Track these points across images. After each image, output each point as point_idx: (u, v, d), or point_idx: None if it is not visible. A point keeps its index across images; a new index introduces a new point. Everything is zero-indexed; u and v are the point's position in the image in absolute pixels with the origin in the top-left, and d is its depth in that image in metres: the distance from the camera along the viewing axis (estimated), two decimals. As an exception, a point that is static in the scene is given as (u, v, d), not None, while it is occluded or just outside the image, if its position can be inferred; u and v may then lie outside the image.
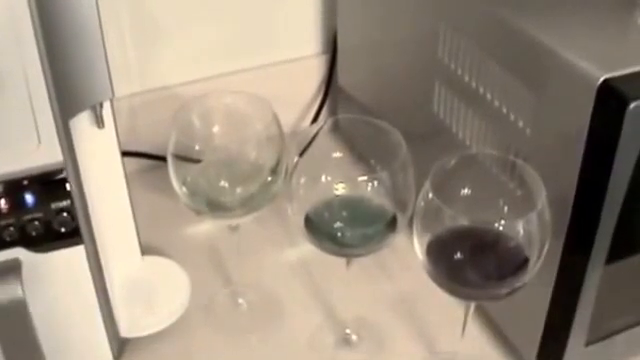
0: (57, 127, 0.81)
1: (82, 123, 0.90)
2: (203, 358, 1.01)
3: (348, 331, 1.02)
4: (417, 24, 1.05)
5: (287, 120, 1.24)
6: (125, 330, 0.99)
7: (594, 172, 0.77)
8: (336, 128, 0.96)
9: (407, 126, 0.89)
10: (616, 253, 0.83)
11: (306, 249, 0.91)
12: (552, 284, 0.86)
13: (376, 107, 1.22)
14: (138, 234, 1.04)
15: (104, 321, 0.94)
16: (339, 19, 1.31)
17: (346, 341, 1.02)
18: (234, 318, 1.07)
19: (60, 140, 0.82)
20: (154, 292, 1.04)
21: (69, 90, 0.83)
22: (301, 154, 0.88)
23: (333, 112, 1.43)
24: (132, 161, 1.25)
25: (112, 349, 0.97)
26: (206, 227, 1.19)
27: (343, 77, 1.35)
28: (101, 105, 0.90)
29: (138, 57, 1.26)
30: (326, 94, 1.40)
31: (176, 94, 1.28)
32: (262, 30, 1.34)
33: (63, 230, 0.86)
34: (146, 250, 1.08)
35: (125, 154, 1.14)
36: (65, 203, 0.85)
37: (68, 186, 0.84)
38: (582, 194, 0.79)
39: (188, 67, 1.30)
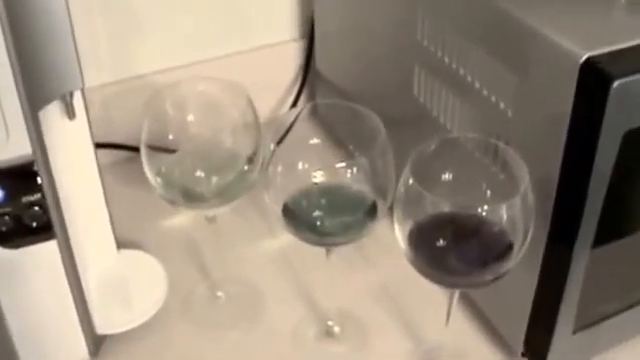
0: (26, 119, 0.79)
1: (52, 114, 0.89)
2: (182, 353, 0.99)
3: (330, 323, 1.01)
4: (395, 6, 1.03)
5: (265, 107, 1.23)
6: (101, 326, 0.97)
7: (578, 153, 0.75)
8: (314, 114, 0.94)
9: (387, 111, 0.87)
10: (602, 237, 0.81)
11: (286, 240, 0.89)
12: (538, 271, 0.85)
13: (355, 92, 1.21)
14: (113, 227, 1.03)
15: (79, 317, 0.92)
16: (316, 4, 1.30)
17: (328, 333, 1.01)
18: (213, 312, 1.05)
19: (29, 132, 0.80)
20: (130, 287, 1.03)
21: (37, 80, 0.81)
22: (279, 142, 0.86)
23: (312, 98, 1.42)
24: (107, 153, 1.24)
25: (88, 346, 0.95)
26: (184, 219, 1.17)
27: (321, 62, 1.34)
28: (71, 95, 0.89)
29: (110, 46, 1.24)
30: (304, 80, 1.39)
31: (151, 83, 1.26)
32: (238, 16, 1.32)
33: (34, 225, 0.84)
34: (123, 244, 1.06)
35: (99, 146, 1.12)
36: (36, 197, 0.83)
37: (39, 179, 0.82)
38: (567, 176, 0.77)
39: (163, 55, 1.28)
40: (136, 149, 0.91)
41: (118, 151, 1.26)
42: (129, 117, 1.11)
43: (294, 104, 1.40)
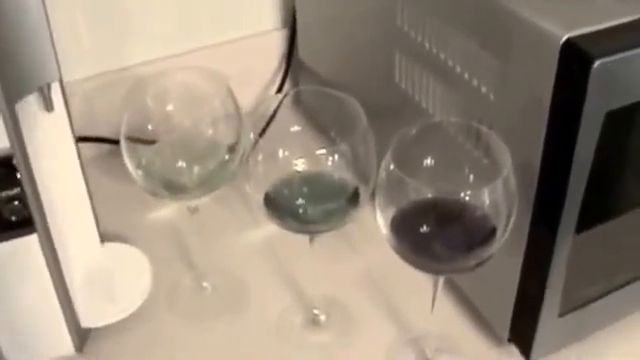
0: (2, 112, 0.78)
1: (30, 107, 0.88)
2: (168, 345, 0.99)
3: (316, 311, 1.00)
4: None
5: (249, 97, 1.23)
6: (86, 320, 0.96)
7: (560, 135, 0.75)
8: (295, 101, 0.93)
9: (370, 98, 0.87)
10: (586, 221, 0.81)
11: (271, 229, 0.89)
12: (522, 256, 0.85)
13: (338, 80, 1.20)
14: (97, 221, 1.02)
15: (63, 311, 0.92)
16: (297, -7, 1.29)
17: (314, 321, 1.01)
18: (199, 303, 1.04)
19: (7, 126, 0.79)
20: (115, 280, 1.02)
21: (13, 73, 0.81)
22: (261, 133, 0.85)
23: (295, 87, 1.41)
24: (92, 146, 1.24)
25: (73, 340, 0.94)
26: (169, 211, 1.17)
27: (304, 51, 1.33)
28: (49, 87, 0.88)
29: (93, 39, 1.23)
30: (287, 69, 1.39)
31: (134, 75, 1.25)
32: (221, 7, 1.31)
33: (14, 219, 0.83)
34: (108, 237, 1.06)
35: (83, 139, 1.12)
36: (15, 191, 0.82)
37: (18, 173, 0.81)
38: (549, 159, 0.77)
39: (146, 47, 1.27)
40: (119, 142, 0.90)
41: (102, 144, 1.25)
42: (113, 110, 1.10)
43: (278, 93, 1.39)
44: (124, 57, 1.27)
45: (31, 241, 0.85)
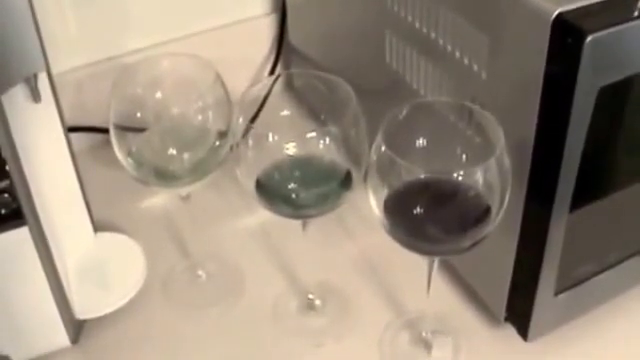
0: (-13, 104, 0.78)
1: (17, 98, 0.87)
2: (164, 334, 0.98)
3: (311, 296, 1.00)
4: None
5: (241, 83, 1.21)
6: (81, 312, 0.95)
7: (553, 112, 0.74)
8: (286, 85, 0.92)
9: (362, 80, 0.87)
10: (580, 199, 0.80)
11: (265, 215, 0.88)
12: (517, 235, 0.84)
13: (330, 63, 1.19)
14: (90, 211, 1.02)
15: (57, 304, 0.91)
16: (286, -24, 1.28)
17: (310, 306, 1.00)
18: (194, 291, 1.04)
19: (-7, 117, 0.78)
20: (109, 270, 1.01)
21: (-3, 63, 0.80)
22: (253, 119, 0.85)
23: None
24: (86, 137, 1.23)
25: (68, 332, 0.94)
26: (162, 200, 1.16)
27: (294, 35, 1.32)
28: (35, 78, 0.87)
29: (81, 28, 1.22)
30: (278, 54, 1.37)
31: (124, 64, 1.24)
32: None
33: (4, 212, 0.83)
34: (102, 227, 1.06)
35: (76, 129, 1.11)
36: (4, 183, 0.81)
37: (6, 166, 0.81)
38: (542, 136, 0.76)
39: (135, 35, 1.26)
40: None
41: (97, 134, 1.24)
42: (104, 100, 1.10)
43: (270, 79, 1.38)
44: (115, 46, 1.26)
45: (22, 233, 0.85)
